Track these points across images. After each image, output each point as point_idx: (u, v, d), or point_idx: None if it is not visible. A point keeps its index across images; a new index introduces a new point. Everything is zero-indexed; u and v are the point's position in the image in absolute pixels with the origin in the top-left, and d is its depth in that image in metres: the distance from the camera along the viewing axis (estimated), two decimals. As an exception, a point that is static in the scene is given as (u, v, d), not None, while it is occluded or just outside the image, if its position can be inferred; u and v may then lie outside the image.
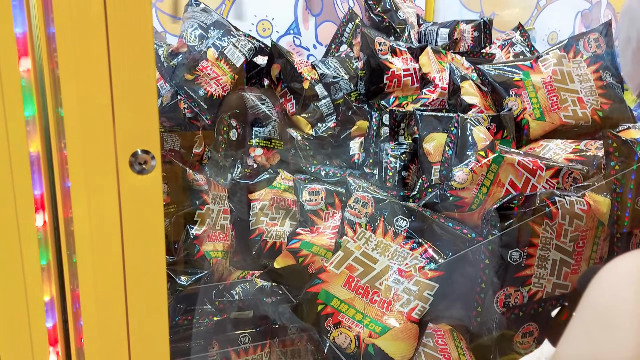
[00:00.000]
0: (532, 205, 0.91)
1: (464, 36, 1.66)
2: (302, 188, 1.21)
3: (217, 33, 1.38)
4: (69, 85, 0.58)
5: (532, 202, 0.92)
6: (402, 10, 1.73)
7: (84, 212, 0.61)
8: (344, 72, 1.59)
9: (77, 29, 0.57)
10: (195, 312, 1.13)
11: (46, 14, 0.57)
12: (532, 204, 0.92)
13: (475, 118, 1.10)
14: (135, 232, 0.64)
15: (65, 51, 0.57)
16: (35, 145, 0.60)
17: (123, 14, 0.58)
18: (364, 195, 1.00)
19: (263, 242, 1.28)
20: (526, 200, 0.92)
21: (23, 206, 0.60)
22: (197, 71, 1.34)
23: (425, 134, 1.19)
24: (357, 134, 1.55)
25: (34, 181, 0.60)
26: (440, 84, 1.44)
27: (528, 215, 0.91)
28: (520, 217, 0.91)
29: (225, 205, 1.19)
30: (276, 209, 1.32)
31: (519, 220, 0.91)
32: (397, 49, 1.53)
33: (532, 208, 0.91)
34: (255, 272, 1.19)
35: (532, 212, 0.91)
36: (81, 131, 0.59)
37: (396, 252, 0.94)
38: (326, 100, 1.54)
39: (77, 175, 0.60)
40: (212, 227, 1.11)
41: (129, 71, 0.60)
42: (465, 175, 0.99)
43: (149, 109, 0.63)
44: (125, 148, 0.62)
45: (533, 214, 0.91)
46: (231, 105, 1.39)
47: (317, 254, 1.06)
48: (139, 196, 0.64)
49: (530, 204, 0.92)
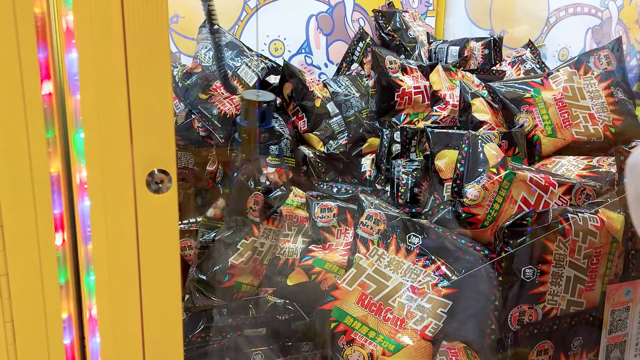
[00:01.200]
0: (545, 222, 0.91)
1: (474, 54, 1.67)
2: (314, 205, 1.22)
3: (231, 54, 1.41)
4: (89, 108, 0.60)
5: (545, 219, 0.92)
6: (412, 29, 1.75)
7: (102, 230, 0.63)
8: (355, 90, 1.61)
9: (97, 53, 0.59)
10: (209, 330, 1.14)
11: (68, 40, 0.59)
12: (545, 220, 0.92)
13: (486, 135, 1.11)
14: (151, 250, 0.65)
15: (85, 75, 0.59)
16: (56, 166, 0.61)
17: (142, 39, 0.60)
18: (376, 212, 1.01)
19: (276, 259, 1.29)
20: (539, 217, 0.92)
21: (43, 225, 0.61)
22: (210, 91, 1.37)
23: (436, 150, 1.20)
24: (368, 151, 1.56)
25: (53, 201, 0.62)
26: (451, 101, 1.45)
27: (541, 232, 0.91)
28: (533, 234, 0.91)
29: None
30: (288, 226, 1.33)
31: (532, 237, 0.91)
32: (408, 67, 1.54)
33: (545, 225, 0.91)
34: (268, 289, 1.20)
35: (545, 229, 0.90)
36: (100, 152, 0.61)
37: (409, 269, 0.94)
38: (337, 118, 1.56)
39: (96, 194, 0.62)
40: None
41: (146, 94, 0.62)
42: (477, 192, 0.99)
43: (165, 130, 0.64)
44: (142, 168, 0.63)
45: (546, 230, 0.91)
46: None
47: (329, 271, 1.06)
48: (156, 215, 0.65)
49: (543, 220, 0.92)
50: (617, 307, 1.03)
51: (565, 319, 0.98)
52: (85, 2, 0.58)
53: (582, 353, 1.04)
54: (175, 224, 0.67)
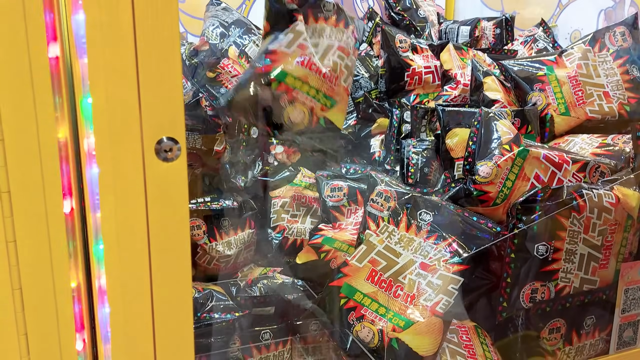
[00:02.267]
0: (559, 198, 0.90)
1: (485, 33, 1.65)
2: (324, 184, 1.20)
3: (238, 31, 1.39)
4: (97, 72, 0.58)
5: (559, 195, 0.90)
6: (422, 9, 1.72)
7: (111, 199, 0.62)
8: (364, 70, 1.59)
9: (105, 18, 0.57)
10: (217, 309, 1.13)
11: (74, 1, 0.58)
12: (559, 197, 0.90)
13: (499, 112, 1.09)
14: (160, 219, 0.64)
15: (93, 40, 0.58)
16: (63, 132, 0.60)
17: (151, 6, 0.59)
18: (387, 189, 0.99)
19: (284, 239, 1.28)
20: (553, 193, 0.91)
21: (51, 192, 0.60)
22: (218, 69, 1.35)
23: (447, 129, 1.18)
24: (377, 131, 1.54)
25: (61, 168, 0.61)
26: (462, 80, 1.42)
27: (555, 208, 0.89)
28: (547, 210, 0.89)
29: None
30: (297, 206, 1.32)
31: (546, 213, 0.89)
32: (418, 46, 1.52)
33: (559, 201, 0.89)
34: (277, 268, 1.19)
35: (559, 205, 0.89)
36: (109, 118, 0.60)
37: (420, 246, 0.93)
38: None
39: (105, 161, 0.61)
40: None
41: (155, 59, 0.60)
42: (489, 169, 0.97)
43: (174, 97, 0.63)
44: (151, 135, 0.62)
45: (560, 207, 0.89)
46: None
47: (339, 250, 1.05)
48: (165, 184, 0.64)
49: (557, 197, 0.90)
50: (630, 285, 1.02)
51: (578, 297, 0.97)
52: (93, -37, 0.57)
53: (595, 332, 1.03)
54: (185, 193, 0.66)
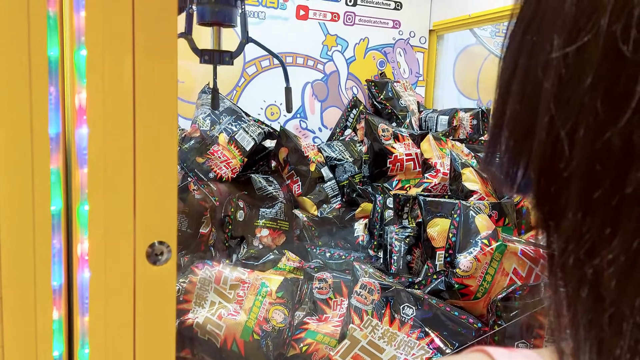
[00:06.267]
0: (537, 296, 0.92)
1: (463, 123, 1.74)
2: (310, 277, 1.22)
3: (229, 119, 1.45)
4: (96, 181, 0.61)
5: (536, 292, 0.93)
6: (403, 98, 1.82)
7: (100, 302, 0.62)
8: (349, 155, 1.65)
9: (108, 132, 0.61)
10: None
11: (79, 116, 0.62)
12: (536, 294, 0.93)
13: (477, 206, 1.14)
14: (147, 322, 0.65)
15: (95, 150, 0.61)
16: (58, 238, 0.62)
17: (150, 118, 0.63)
18: (370, 282, 1.01)
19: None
20: (530, 291, 0.93)
21: (42, 298, 0.61)
22: (208, 155, 1.39)
23: (428, 219, 1.22)
24: (361, 215, 1.58)
25: (53, 273, 0.62)
26: (441, 169, 1.49)
27: (533, 306, 0.91)
28: (525, 308, 0.91)
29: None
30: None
31: (524, 310, 0.91)
32: (400, 134, 1.59)
33: (536, 299, 0.92)
34: None
35: (537, 303, 0.91)
36: (104, 224, 0.62)
37: (403, 342, 0.94)
38: (331, 182, 1.59)
39: (97, 266, 0.62)
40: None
41: (151, 169, 0.64)
42: (469, 263, 1.00)
43: (169, 203, 0.66)
44: (143, 240, 0.64)
45: (537, 305, 0.91)
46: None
47: (321, 342, 1.05)
48: (154, 287, 0.65)
49: (535, 294, 0.93)
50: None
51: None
52: (99, 81, 0.61)
53: None
54: (173, 295, 0.67)
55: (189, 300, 1.13)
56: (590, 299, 0.23)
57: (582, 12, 0.22)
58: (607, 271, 0.22)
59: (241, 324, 1.07)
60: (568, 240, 0.24)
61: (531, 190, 0.26)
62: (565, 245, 0.24)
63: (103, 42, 0.60)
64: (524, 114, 0.26)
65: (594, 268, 0.23)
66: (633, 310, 0.22)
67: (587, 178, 0.23)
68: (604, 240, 0.22)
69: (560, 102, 0.23)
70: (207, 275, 1.14)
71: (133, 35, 0.61)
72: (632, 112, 0.21)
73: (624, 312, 0.23)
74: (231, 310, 1.09)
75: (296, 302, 1.13)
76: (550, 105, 0.24)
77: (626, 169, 0.22)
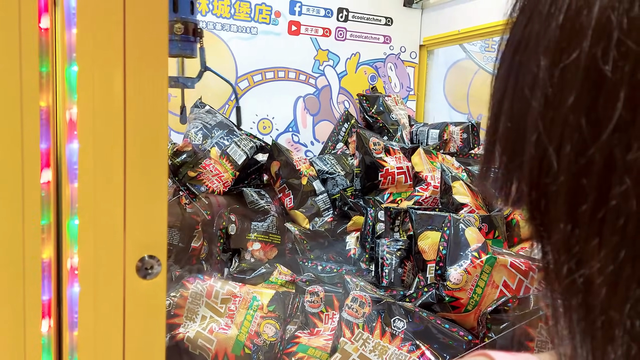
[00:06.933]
0: (526, 308, 0.93)
1: (453, 137, 1.75)
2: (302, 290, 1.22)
3: (221, 133, 1.46)
4: (86, 195, 0.62)
5: (526, 305, 0.94)
6: (394, 112, 1.83)
7: (90, 317, 0.62)
8: (341, 168, 1.66)
9: (98, 146, 0.61)
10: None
11: (70, 131, 0.62)
12: (526, 306, 0.93)
13: (467, 219, 1.15)
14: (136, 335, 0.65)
15: (85, 165, 0.62)
16: (48, 252, 0.62)
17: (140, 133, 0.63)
18: (361, 295, 1.01)
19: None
20: (520, 303, 0.94)
21: (31, 311, 0.61)
22: (200, 168, 1.40)
23: (419, 232, 1.22)
24: (353, 228, 1.58)
25: (43, 287, 0.62)
26: (432, 182, 1.50)
27: (522, 318, 0.92)
28: (515, 321, 0.92)
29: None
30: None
31: (514, 323, 0.92)
32: (391, 148, 1.61)
33: (526, 311, 0.92)
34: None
35: (526, 316, 0.92)
36: (94, 238, 0.62)
37: (394, 355, 0.94)
38: (323, 196, 1.59)
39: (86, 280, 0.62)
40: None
41: (142, 183, 0.64)
42: (460, 275, 1.01)
43: (159, 217, 0.66)
44: (133, 254, 0.64)
45: (527, 317, 0.92)
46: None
47: (312, 356, 1.05)
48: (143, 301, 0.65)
49: (525, 306, 0.93)
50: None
51: (550, 408, 0.97)
52: (90, 97, 0.62)
53: None
54: (163, 309, 0.67)
55: (180, 315, 1.13)
56: (583, 307, 0.24)
57: (565, 35, 0.24)
58: (596, 280, 0.23)
59: (232, 338, 1.07)
60: (559, 251, 0.25)
61: (524, 203, 0.27)
62: (557, 256, 0.25)
63: (94, 58, 0.60)
64: (515, 132, 0.27)
65: (585, 277, 0.24)
66: (623, 317, 0.23)
67: (573, 192, 0.24)
68: (592, 251, 0.23)
69: (546, 120, 0.25)
70: (199, 290, 1.14)
71: (124, 52, 0.61)
72: (613, 129, 0.22)
73: (615, 319, 0.23)
74: (222, 325, 1.09)
75: (288, 316, 1.13)
76: (538, 123, 0.25)
77: (609, 183, 0.23)
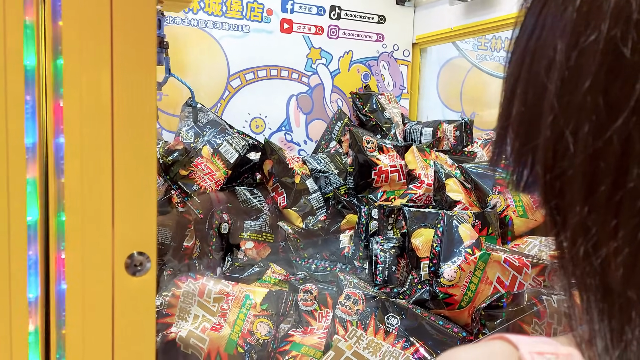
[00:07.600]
0: (520, 304, 0.93)
1: (446, 135, 1.75)
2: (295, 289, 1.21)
3: (213, 131, 1.45)
4: (73, 191, 0.61)
5: (519, 301, 0.93)
6: (387, 111, 1.83)
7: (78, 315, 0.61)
8: (334, 167, 1.65)
9: (84, 138, 0.60)
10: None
11: (56, 126, 0.61)
12: (520, 302, 0.93)
13: (460, 215, 1.14)
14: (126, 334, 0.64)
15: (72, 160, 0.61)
16: (35, 249, 0.61)
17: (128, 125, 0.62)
18: (355, 292, 1.01)
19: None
20: (514, 299, 0.94)
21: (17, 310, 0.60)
22: (191, 167, 1.39)
23: (413, 229, 1.22)
24: (346, 227, 1.57)
25: (29, 284, 0.61)
26: (425, 180, 1.49)
27: (517, 314, 0.91)
28: (509, 316, 0.92)
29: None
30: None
31: (508, 319, 0.91)
32: (384, 146, 1.60)
33: (520, 307, 0.92)
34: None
35: (521, 311, 0.91)
36: (81, 234, 0.61)
37: (387, 352, 0.93)
38: (316, 194, 1.59)
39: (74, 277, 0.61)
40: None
41: (130, 178, 0.63)
42: (453, 272, 1.01)
43: (148, 213, 0.65)
44: (122, 250, 0.63)
45: (521, 312, 0.92)
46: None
47: (306, 354, 1.04)
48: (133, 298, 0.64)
49: (518, 302, 0.93)
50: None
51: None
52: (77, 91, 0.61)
53: None
54: (153, 306, 0.66)
55: (173, 314, 1.12)
56: (601, 289, 0.25)
57: (582, 18, 0.24)
58: (613, 262, 0.24)
59: (225, 337, 1.06)
60: (576, 234, 0.25)
61: (537, 187, 0.27)
62: (573, 239, 0.25)
63: (81, 51, 0.59)
64: (529, 116, 0.27)
65: (601, 259, 0.24)
66: None
67: (590, 174, 0.23)
68: (609, 233, 0.23)
69: (563, 102, 0.24)
70: (191, 289, 1.13)
71: (111, 45, 0.61)
72: (631, 111, 0.22)
73: (633, 300, 0.24)
74: (215, 324, 1.08)
75: (281, 314, 1.12)
76: (554, 105, 0.25)
77: (627, 165, 0.22)
